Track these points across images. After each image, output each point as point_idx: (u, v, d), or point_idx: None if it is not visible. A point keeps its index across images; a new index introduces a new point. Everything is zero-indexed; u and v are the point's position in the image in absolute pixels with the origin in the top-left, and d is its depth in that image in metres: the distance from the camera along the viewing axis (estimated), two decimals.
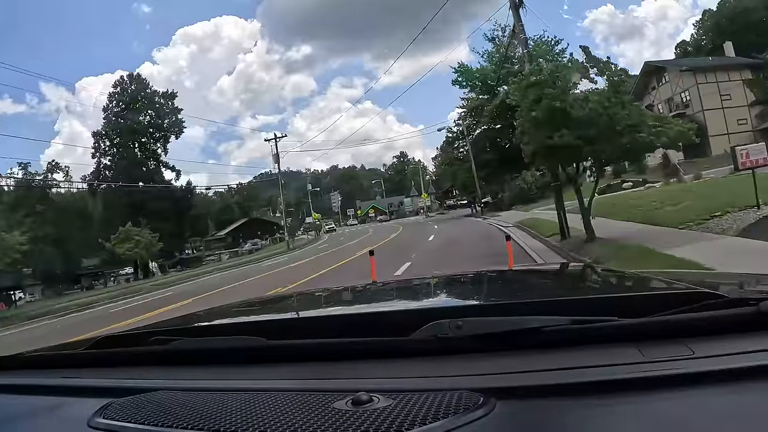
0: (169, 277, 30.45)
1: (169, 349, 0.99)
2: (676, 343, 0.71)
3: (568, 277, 1.82)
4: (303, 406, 0.66)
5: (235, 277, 17.99)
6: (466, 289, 1.72)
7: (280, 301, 1.99)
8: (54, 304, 21.82)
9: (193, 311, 1.83)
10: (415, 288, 1.82)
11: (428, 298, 1.64)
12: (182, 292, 15.71)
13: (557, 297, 1.29)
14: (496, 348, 0.77)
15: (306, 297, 2.00)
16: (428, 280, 1.93)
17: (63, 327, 12.62)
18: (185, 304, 11.23)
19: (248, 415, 0.66)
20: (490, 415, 0.60)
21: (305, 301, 1.84)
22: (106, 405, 0.77)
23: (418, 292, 1.75)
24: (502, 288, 1.69)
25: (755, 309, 0.73)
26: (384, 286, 2.01)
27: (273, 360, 0.89)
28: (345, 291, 1.92)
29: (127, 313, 12.32)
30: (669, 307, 0.77)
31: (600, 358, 0.70)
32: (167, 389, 0.82)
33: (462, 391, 0.64)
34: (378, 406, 0.63)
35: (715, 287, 0.97)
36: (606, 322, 0.77)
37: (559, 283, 1.71)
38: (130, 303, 15.91)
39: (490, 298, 1.49)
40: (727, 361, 0.65)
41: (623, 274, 1.70)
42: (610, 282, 1.58)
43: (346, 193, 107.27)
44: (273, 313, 1.56)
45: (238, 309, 1.69)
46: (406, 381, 0.73)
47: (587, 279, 1.70)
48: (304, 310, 1.59)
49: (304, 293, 2.28)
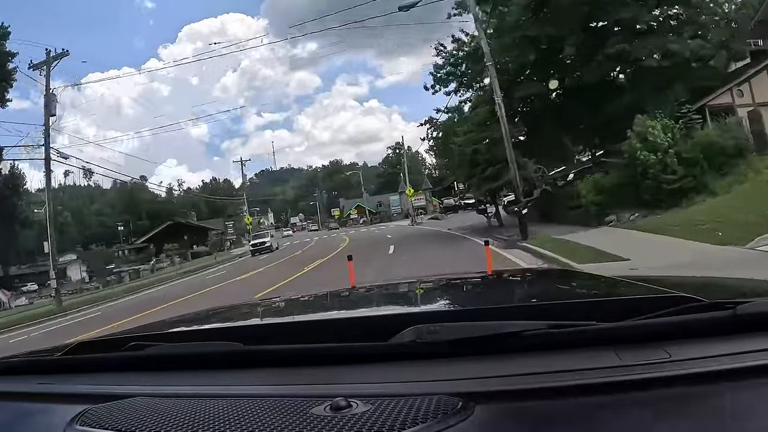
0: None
1: (145, 354, 0.98)
2: (654, 346, 0.72)
3: (546, 281, 1.86)
4: (281, 412, 0.66)
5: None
6: (445, 293, 1.71)
7: (258, 307, 1.91)
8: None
9: (170, 316, 1.84)
10: (394, 293, 1.84)
11: (407, 303, 1.66)
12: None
13: (535, 301, 1.33)
14: (474, 352, 0.78)
15: (284, 302, 1.98)
16: (407, 285, 1.96)
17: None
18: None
19: (225, 421, 0.67)
20: (469, 419, 0.61)
21: (283, 306, 1.84)
22: (82, 412, 0.77)
23: (396, 297, 1.75)
24: (480, 292, 1.71)
25: (732, 313, 0.74)
26: (362, 290, 2.00)
27: (250, 365, 0.89)
28: (323, 296, 1.93)
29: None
30: (647, 311, 0.78)
31: (578, 363, 0.70)
32: (144, 395, 0.82)
33: (441, 395, 0.65)
34: (356, 412, 0.64)
35: (693, 291, 0.98)
36: (584, 326, 0.77)
37: (537, 288, 1.72)
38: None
39: (468, 302, 1.52)
40: (704, 364, 0.66)
41: (601, 279, 1.69)
42: (588, 286, 1.58)
43: (334, 190, 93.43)
44: (251, 318, 1.57)
45: (215, 314, 1.69)
46: (384, 386, 0.74)
47: (565, 283, 1.72)
48: (282, 315, 1.62)
49: (283, 299, 2.26)
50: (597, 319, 0.78)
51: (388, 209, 68.64)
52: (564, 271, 2.65)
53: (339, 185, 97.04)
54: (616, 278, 1.48)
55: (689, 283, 1.40)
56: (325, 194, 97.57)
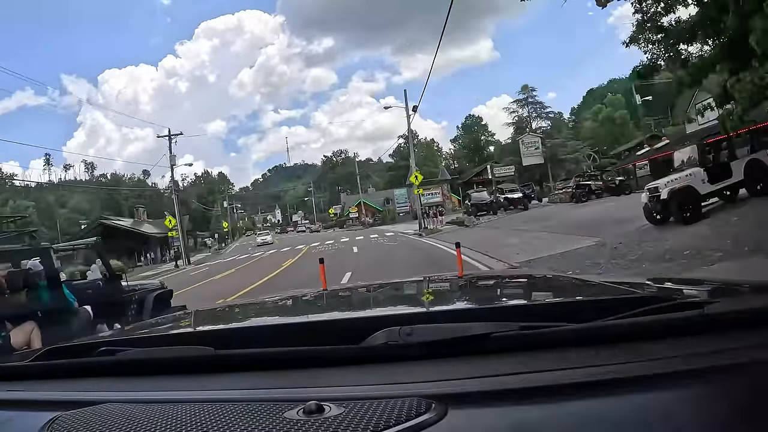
0: None
1: (116, 360, 0.98)
2: (624, 346, 0.74)
3: (518, 283, 1.88)
4: (253, 417, 0.66)
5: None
6: (418, 296, 1.74)
7: (230, 311, 1.92)
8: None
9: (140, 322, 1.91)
10: (366, 295, 1.85)
11: (379, 306, 1.67)
12: None
13: (508, 303, 1.34)
14: (447, 354, 0.79)
15: (256, 306, 1.98)
16: (379, 288, 1.96)
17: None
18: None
19: (197, 426, 0.67)
20: (442, 421, 0.62)
21: (255, 309, 1.82)
22: (53, 419, 0.76)
23: (369, 300, 1.77)
24: (453, 295, 1.72)
25: (701, 312, 0.77)
26: (335, 293, 2.02)
27: (222, 370, 0.89)
28: (295, 299, 1.92)
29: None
30: (618, 312, 0.80)
31: (550, 363, 0.72)
32: (115, 401, 0.82)
33: (414, 397, 0.66)
34: (329, 415, 0.64)
35: (663, 292, 1.00)
36: (556, 327, 0.79)
37: (508, 290, 1.74)
38: None
39: (441, 304, 1.53)
40: (674, 363, 0.68)
41: (573, 281, 1.72)
42: (560, 288, 1.58)
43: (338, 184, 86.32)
44: (222, 322, 1.57)
45: (187, 319, 1.70)
46: (357, 389, 0.75)
47: (537, 285, 1.74)
48: (254, 318, 1.59)
49: (254, 302, 2.26)
50: (568, 320, 0.80)
51: (394, 206, 55.34)
52: (535, 273, 2.63)
53: (344, 179, 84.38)
54: (588, 280, 1.48)
55: (659, 284, 1.40)
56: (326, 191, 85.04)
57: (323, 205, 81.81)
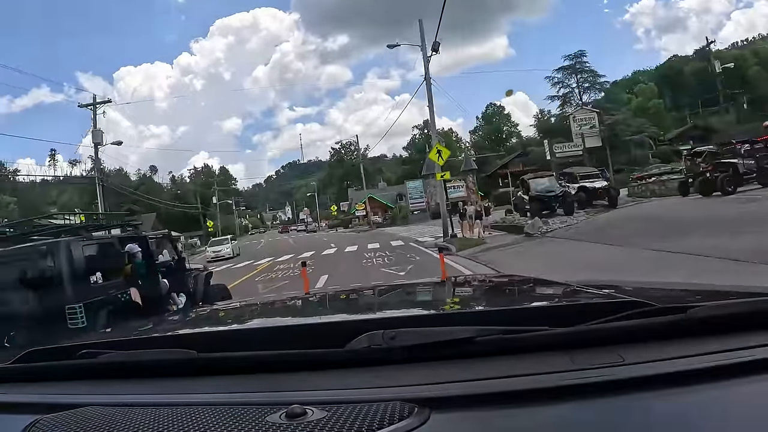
0: None
1: (97, 362, 0.97)
2: (607, 350, 0.74)
3: (500, 287, 1.90)
4: (235, 420, 0.66)
5: None
6: (401, 300, 1.75)
7: (213, 314, 1.87)
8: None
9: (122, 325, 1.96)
10: (350, 299, 1.87)
11: (362, 309, 1.65)
12: None
13: (490, 307, 1.35)
14: (429, 358, 0.79)
15: (239, 309, 1.93)
16: (362, 291, 2.00)
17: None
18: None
19: (177, 430, 0.66)
20: (425, 425, 0.62)
21: (238, 313, 1.79)
22: (33, 422, 0.76)
23: (352, 303, 1.79)
24: (436, 299, 1.75)
25: (682, 317, 0.78)
26: (318, 297, 2.07)
27: (204, 373, 0.88)
28: (279, 302, 1.96)
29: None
30: (600, 316, 0.80)
31: (532, 367, 0.73)
32: (96, 405, 0.81)
33: (396, 401, 0.67)
34: (312, 419, 0.64)
35: (644, 296, 1.00)
36: (537, 331, 0.79)
37: (491, 294, 1.77)
38: None
39: (424, 308, 1.53)
40: (655, 367, 0.69)
41: (555, 285, 1.73)
42: (542, 292, 1.62)
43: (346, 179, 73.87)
44: (206, 325, 1.57)
45: (170, 322, 1.73)
46: (340, 392, 0.74)
47: (519, 289, 1.74)
48: (237, 322, 1.56)
49: (238, 306, 2.21)
50: (550, 325, 0.80)
51: (408, 203, 45.64)
52: (517, 276, 2.35)
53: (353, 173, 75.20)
54: (570, 284, 1.52)
55: (640, 288, 1.42)
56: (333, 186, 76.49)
57: (332, 202, 73.18)
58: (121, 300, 5.03)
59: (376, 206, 50.23)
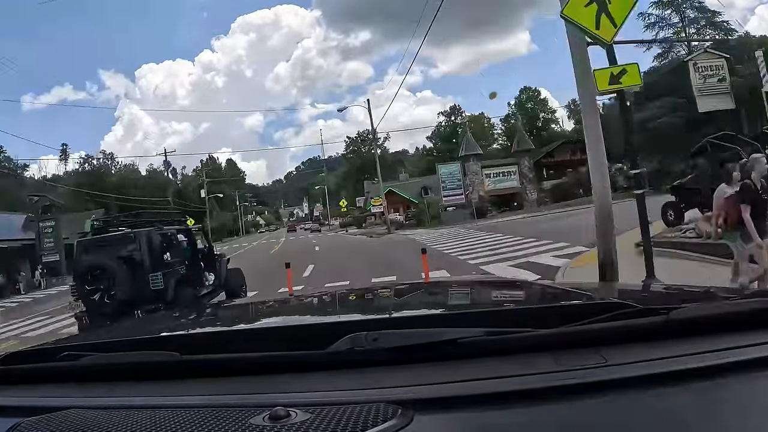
0: None
1: (79, 365, 0.96)
2: (590, 352, 0.75)
3: (484, 289, 1.89)
4: (218, 423, 0.66)
5: None
6: (384, 302, 1.73)
7: (197, 316, 1.90)
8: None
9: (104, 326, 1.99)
10: (333, 301, 1.88)
11: (346, 311, 1.67)
12: None
13: (473, 309, 1.34)
14: (413, 360, 0.80)
15: (222, 311, 1.99)
16: (345, 293, 2.03)
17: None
18: None
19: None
20: (408, 427, 0.62)
21: (221, 315, 1.81)
22: (14, 426, 0.76)
23: (335, 305, 1.80)
24: (419, 301, 1.72)
25: (665, 318, 0.78)
26: (301, 298, 2.10)
27: (187, 376, 0.88)
28: (263, 304, 2.00)
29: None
30: (583, 318, 0.80)
31: (515, 369, 0.73)
32: (78, 408, 0.80)
33: (380, 403, 0.67)
34: (296, 421, 0.64)
35: (627, 297, 1.00)
36: (521, 333, 0.80)
37: (475, 296, 1.76)
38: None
39: (408, 310, 1.53)
40: (638, 368, 0.69)
41: (538, 287, 1.78)
42: (527, 294, 1.62)
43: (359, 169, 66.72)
44: (189, 327, 1.55)
45: (152, 324, 1.74)
46: (324, 394, 0.75)
47: (503, 291, 1.75)
48: (221, 324, 1.58)
49: (220, 307, 2.29)
50: (533, 326, 0.80)
51: (438, 197, 35.71)
52: (500, 279, 2.50)
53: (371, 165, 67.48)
54: (554, 285, 1.50)
55: (623, 290, 1.37)
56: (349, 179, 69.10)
57: (347, 197, 65.55)
58: (180, 272, 7.70)
59: (397, 201, 41.70)
